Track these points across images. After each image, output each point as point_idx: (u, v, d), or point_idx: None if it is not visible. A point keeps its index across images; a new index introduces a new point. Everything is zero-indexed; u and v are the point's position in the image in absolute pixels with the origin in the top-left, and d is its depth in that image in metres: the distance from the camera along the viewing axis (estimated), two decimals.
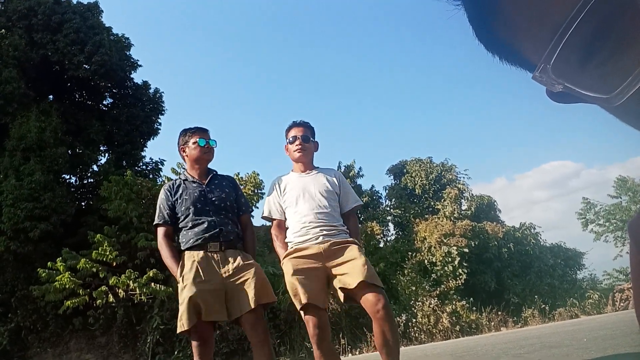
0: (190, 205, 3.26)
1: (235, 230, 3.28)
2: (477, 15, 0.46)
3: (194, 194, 3.31)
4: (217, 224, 3.22)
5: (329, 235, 3.05)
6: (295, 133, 3.31)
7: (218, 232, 3.19)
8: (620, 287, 17.67)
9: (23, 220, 11.85)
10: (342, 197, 3.25)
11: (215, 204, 3.29)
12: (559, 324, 12.97)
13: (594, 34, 0.36)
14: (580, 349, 4.80)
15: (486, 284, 17.40)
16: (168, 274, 11.94)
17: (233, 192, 3.42)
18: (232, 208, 3.35)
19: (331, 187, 3.22)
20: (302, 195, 3.20)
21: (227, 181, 3.48)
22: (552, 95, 0.45)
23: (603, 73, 0.38)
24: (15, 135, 13.26)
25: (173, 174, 14.20)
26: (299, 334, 11.46)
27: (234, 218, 3.34)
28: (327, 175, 3.29)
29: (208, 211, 3.25)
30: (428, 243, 17.10)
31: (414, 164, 22.62)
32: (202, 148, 3.38)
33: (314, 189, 3.20)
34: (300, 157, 3.31)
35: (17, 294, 12.24)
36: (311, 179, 3.27)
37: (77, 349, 12.09)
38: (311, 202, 3.15)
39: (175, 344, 11.33)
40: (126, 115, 16.60)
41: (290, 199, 3.25)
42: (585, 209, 24.21)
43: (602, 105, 0.41)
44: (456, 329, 13.52)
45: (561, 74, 0.39)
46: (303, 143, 3.28)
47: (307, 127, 3.36)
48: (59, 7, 15.61)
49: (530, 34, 0.41)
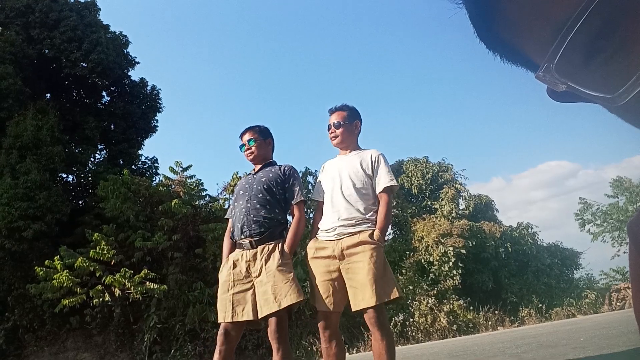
0: (235, 194, 3.46)
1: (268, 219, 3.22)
2: (478, 14, 0.45)
3: (242, 183, 3.48)
4: (249, 211, 3.24)
5: (345, 226, 3.06)
6: (329, 122, 3.36)
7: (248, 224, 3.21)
8: (617, 286, 17.74)
9: (17, 219, 11.81)
10: (374, 178, 3.20)
11: (253, 189, 3.32)
12: (555, 324, 13.01)
13: (598, 33, 0.35)
14: (576, 349, 4.81)
15: (483, 284, 17.43)
16: (164, 272, 11.95)
17: (277, 178, 3.35)
18: (272, 193, 3.30)
19: (362, 169, 3.19)
20: (333, 177, 3.24)
21: (275, 169, 3.42)
22: (553, 94, 0.45)
23: (607, 72, 0.37)
24: (11, 133, 13.22)
25: (171, 173, 14.21)
26: (296, 332, 11.47)
27: (274, 203, 3.29)
28: (364, 157, 3.25)
29: (244, 197, 3.33)
30: (425, 242, 17.11)
31: (411, 163, 22.63)
32: (242, 150, 3.49)
33: (345, 171, 3.21)
34: (336, 144, 3.35)
35: (14, 292, 12.20)
36: (347, 161, 3.27)
37: (74, 347, 12.06)
38: (339, 183, 3.18)
39: (172, 343, 11.33)
40: (123, 112, 16.57)
41: (325, 180, 3.31)
42: (582, 209, 24.29)
43: (605, 105, 0.40)
44: (453, 328, 13.55)
45: (565, 74, 0.39)
46: (335, 130, 3.30)
47: (339, 112, 3.34)
48: (56, 5, 15.58)
49: (532, 32, 0.41)
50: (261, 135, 3.49)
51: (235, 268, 3.16)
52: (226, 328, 3.05)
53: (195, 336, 11.38)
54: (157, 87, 17.79)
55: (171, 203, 12.48)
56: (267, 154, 3.51)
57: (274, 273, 3.03)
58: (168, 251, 12.04)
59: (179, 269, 11.96)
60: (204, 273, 12.19)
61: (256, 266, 3.10)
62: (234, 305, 3.05)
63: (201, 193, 14.15)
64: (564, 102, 0.45)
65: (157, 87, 17.79)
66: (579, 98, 0.43)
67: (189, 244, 12.60)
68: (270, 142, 3.56)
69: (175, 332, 11.42)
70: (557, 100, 0.45)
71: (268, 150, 3.53)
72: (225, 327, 3.05)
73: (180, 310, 11.63)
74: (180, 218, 12.63)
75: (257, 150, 3.43)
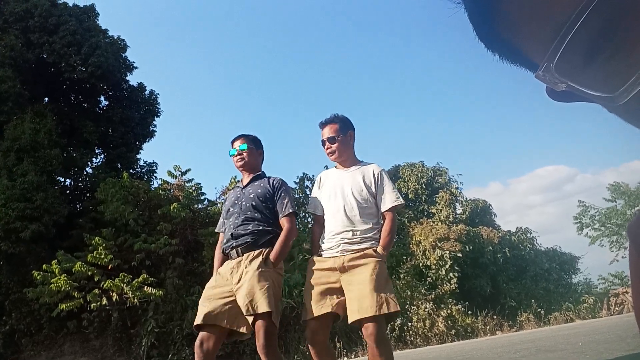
0: (224, 210, 3.42)
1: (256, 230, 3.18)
2: (478, 13, 0.45)
3: (230, 198, 3.43)
4: (237, 227, 3.20)
5: (350, 243, 3.01)
6: (322, 137, 3.26)
7: (234, 235, 3.19)
8: (615, 291, 17.75)
9: (14, 220, 11.78)
10: (378, 196, 3.14)
11: (241, 206, 3.27)
12: (554, 328, 13.00)
13: (599, 32, 0.35)
14: (575, 353, 4.81)
15: (482, 288, 17.42)
16: (162, 276, 11.92)
17: (265, 193, 3.29)
18: (261, 209, 3.25)
19: (366, 186, 3.13)
20: (335, 194, 3.16)
21: (264, 182, 3.36)
22: (552, 94, 0.45)
23: (607, 72, 0.37)
24: (9, 136, 13.21)
25: (169, 177, 14.20)
26: (294, 337, 11.44)
27: (262, 218, 3.23)
28: (366, 173, 3.18)
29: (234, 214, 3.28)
30: (423, 247, 17.11)
31: (406, 168, 22.62)
32: (233, 157, 3.42)
33: (348, 188, 3.13)
34: (334, 159, 3.28)
35: (11, 296, 12.16)
36: (349, 176, 3.19)
37: (71, 352, 12.01)
38: (342, 201, 3.11)
39: (170, 347, 11.28)
40: (121, 117, 16.56)
41: (325, 195, 3.23)
42: (581, 213, 24.33)
43: (605, 105, 0.40)
44: (452, 333, 13.53)
45: (564, 73, 0.39)
46: (330, 145, 3.21)
47: (331, 124, 3.24)
48: (55, 10, 15.61)
49: (532, 31, 0.41)
50: (254, 143, 3.44)
51: (221, 276, 3.14)
52: (202, 337, 3.01)
53: (193, 340, 11.18)
54: (155, 92, 17.81)
55: (170, 207, 12.47)
56: (258, 164, 3.46)
57: (250, 279, 2.97)
58: (167, 255, 12.02)
59: (177, 273, 11.93)
60: (202, 277, 12.15)
61: (238, 273, 3.06)
62: (211, 308, 3.00)
63: (200, 197, 14.14)
64: (563, 102, 0.45)
65: (155, 92, 17.81)
66: (579, 98, 0.42)
67: (187, 248, 12.58)
68: (262, 153, 3.51)
69: (173, 337, 11.39)
70: (557, 99, 0.45)
71: (259, 160, 3.47)
72: (201, 336, 3.01)
73: (178, 314, 11.59)
74: (179, 222, 12.62)
75: (248, 157, 3.36)
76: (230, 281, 3.07)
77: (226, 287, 3.08)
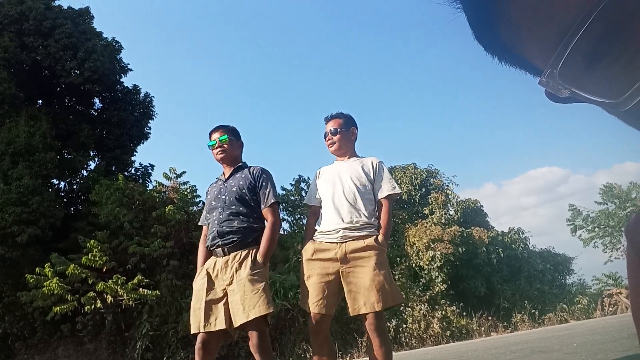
0: (207, 204, 3.37)
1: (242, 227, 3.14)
2: (478, 17, 0.45)
3: (213, 192, 3.38)
4: (221, 223, 3.16)
5: (349, 229, 3.03)
6: (325, 129, 3.36)
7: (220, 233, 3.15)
8: (609, 292, 17.85)
9: (11, 224, 11.71)
10: (376, 183, 3.21)
11: (225, 200, 3.23)
12: (548, 329, 13.03)
13: (602, 38, 0.35)
14: (569, 354, 4.83)
15: (476, 289, 17.44)
16: (157, 279, 11.88)
17: (247, 184, 3.24)
18: (245, 202, 3.20)
19: (365, 173, 3.20)
20: (334, 180, 3.23)
21: (245, 173, 3.31)
22: (552, 96, 0.45)
23: (611, 78, 0.37)
24: (3, 139, 13.13)
25: (165, 179, 14.16)
26: (289, 340, 11.42)
27: (247, 212, 3.18)
28: (365, 162, 3.27)
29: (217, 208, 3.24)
30: (417, 248, 17.12)
31: (399, 171, 22.65)
32: (212, 149, 3.36)
33: (347, 174, 3.20)
34: (333, 151, 3.36)
35: (5, 300, 12.06)
36: (347, 165, 3.27)
37: (65, 355, 11.93)
38: (340, 186, 3.17)
39: (164, 350, 11.24)
40: (116, 119, 16.48)
41: (324, 183, 3.28)
42: (573, 216, 24.48)
43: (609, 110, 0.40)
44: (447, 334, 13.55)
45: (568, 79, 0.39)
46: (332, 137, 3.31)
47: (335, 119, 3.36)
48: (50, 13, 15.52)
49: (535, 37, 0.41)
50: (233, 134, 3.40)
51: (208, 277, 3.10)
52: (203, 339, 2.99)
53: (187, 343, 11.29)
54: (150, 94, 17.74)
55: (165, 209, 12.43)
56: (238, 155, 3.43)
57: (244, 282, 2.95)
58: (161, 258, 11.97)
59: (171, 275, 11.89)
60: None
61: (227, 274, 3.04)
62: (206, 315, 2.98)
63: (195, 199, 14.09)
64: (562, 103, 0.45)
65: (150, 94, 17.74)
66: (577, 100, 0.42)
67: (182, 251, 12.54)
68: (241, 145, 3.48)
69: (167, 339, 11.34)
70: (556, 101, 0.45)
71: (239, 151, 3.45)
72: (202, 338, 2.99)
73: (173, 317, 11.55)
74: (174, 225, 12.57)
75: (229, 148, 3.33)
76: (221, 281, 3.05)
77: (218, 287, 3.06)
